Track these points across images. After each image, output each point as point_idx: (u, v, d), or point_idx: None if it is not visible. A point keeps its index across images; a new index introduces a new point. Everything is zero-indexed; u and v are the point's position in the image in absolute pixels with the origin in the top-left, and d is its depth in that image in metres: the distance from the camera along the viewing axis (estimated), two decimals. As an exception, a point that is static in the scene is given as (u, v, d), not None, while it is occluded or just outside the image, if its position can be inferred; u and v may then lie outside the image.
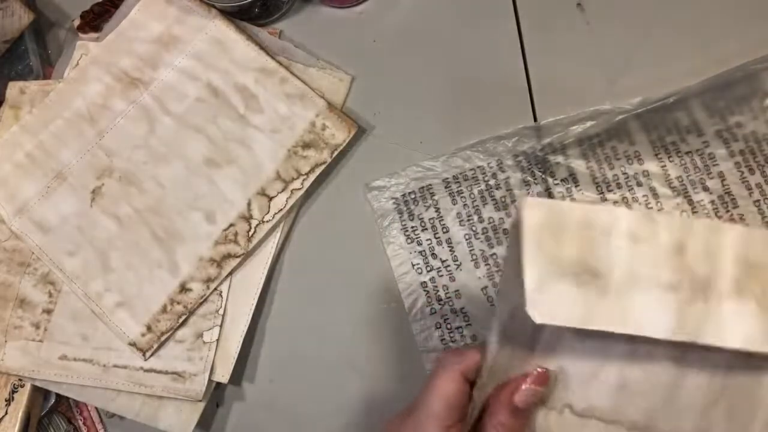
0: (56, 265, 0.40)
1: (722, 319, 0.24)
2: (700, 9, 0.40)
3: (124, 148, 0.41)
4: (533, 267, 0.24)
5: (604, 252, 0.25)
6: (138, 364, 0.39)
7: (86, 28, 0.45)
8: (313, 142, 0.40)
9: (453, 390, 0.27)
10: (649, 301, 0.24)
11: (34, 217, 0.41)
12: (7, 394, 0.40)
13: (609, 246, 0.25)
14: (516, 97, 0.40)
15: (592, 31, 0.41)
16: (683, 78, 0.38)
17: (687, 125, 0.38)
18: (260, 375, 0.40)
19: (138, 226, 0.40)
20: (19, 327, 0.40)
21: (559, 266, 0.24)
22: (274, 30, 0.44)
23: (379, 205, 0.40)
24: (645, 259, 0.25)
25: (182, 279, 0.39)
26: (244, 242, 0.39)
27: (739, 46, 0.38)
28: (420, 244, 0.39)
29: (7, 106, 0.44)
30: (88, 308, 0.40)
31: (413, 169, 0.40)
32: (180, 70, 0.42)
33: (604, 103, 0.39)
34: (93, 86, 0.42)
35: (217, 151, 0.41)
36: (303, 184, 0.40)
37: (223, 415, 0.40)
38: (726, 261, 0.25)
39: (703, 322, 0.24)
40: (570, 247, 0.24)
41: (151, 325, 0.39)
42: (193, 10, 0.42)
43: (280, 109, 0.41)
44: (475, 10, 0.42)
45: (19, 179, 0.41)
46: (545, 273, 0.24)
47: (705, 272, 0.25)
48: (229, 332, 0.39)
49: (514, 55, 0.41)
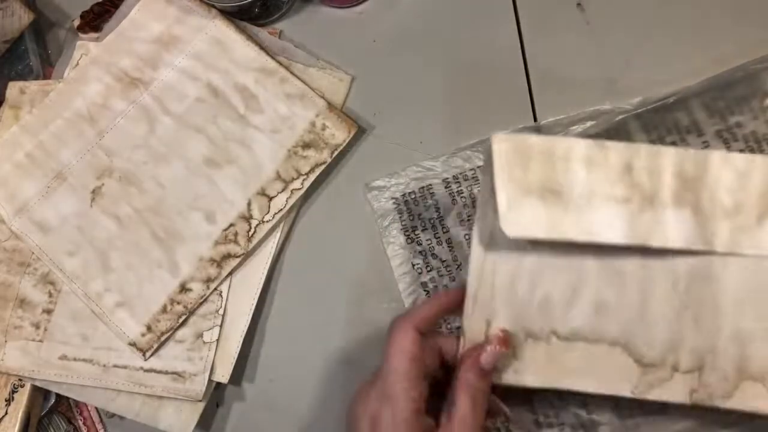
0: (56, 265, 0.40)
1: (666, 225, 0.29)
2: (700, 9, 0.40)
3: (124, 148, 0.41)
4: (503, 190, 0.28)
5: (564, 174, 0.29)
6: (138, 364, 0.39)
7: (86, 28, 0.45)
8: (313, 142, 0.40)
9: (408, 344, 0.28)
10: (605, 213, 0.29)
11: (34, 217, 0.41)
12: (7, 394, 0.40)
13: (568, 169, 0.29)
14: (516, 98, 0.40)
15: (592, 31, 0.41)
16: (683, 78, 0.38)
17: (687, 125, 0.38)
18: (260, 375, 0.40)
19: (138, 226, 0.40)
20: (19, 327, 0.40)
21: (526, 188, 0.29)
22: (274, 30, 0.44)
23: (379, 205, 0.40)
24: (599, 178, 0.29)
25: (182, 279, 0.39)
26: (244, 242, 0.39)
27: (739, 46, 0.38)
28: (420, 244, 0.39)
29: (7, 106, 0.44)
30: (88, 308, 0.40)
31: (413, 169, 0.40)
32: (180, 70, 0.42)
33: (604, 103, 0.39)
34: (93, 86, 0.42)
35: (217, 151, 0.41)
36: (303, 184, 0.40)
37: (223, 415, 0.40)
38: (666, 176, 0.29)
39: (651, 228, 0.29)
40: (534, 172, 0.29)
41: (151, 325, 0.39)
42: (193, 10, 0.42)
43: (280, 109, 0.41)
44: (475, 10, 0.42)
45: (19, 179, 0.41)
46: (514, 194, 0.28)
47: (650, 186, 0.29)
48: (229, 332, 0.39)
49: (514, 55, 0.41)
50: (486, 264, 0.31)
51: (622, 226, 0.29)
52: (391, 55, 0.43)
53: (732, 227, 0.29)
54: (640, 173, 0.29)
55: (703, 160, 0.29)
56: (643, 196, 0.29)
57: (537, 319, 0.31)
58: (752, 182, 0.29)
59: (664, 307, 0.30)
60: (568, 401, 0.36)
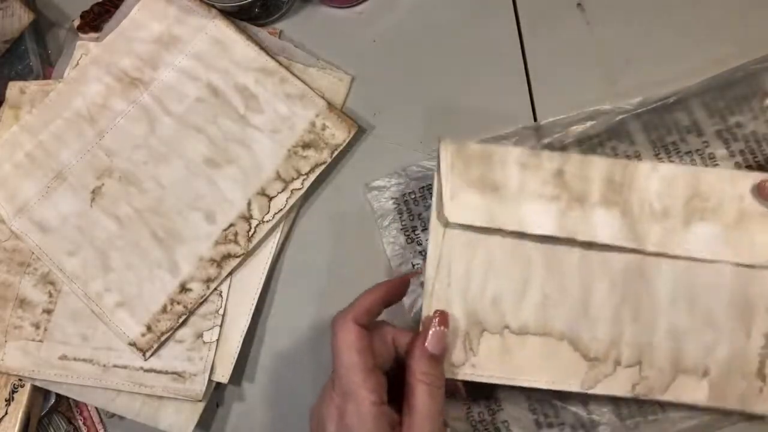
0: (56, 265, 0.40)
1: (594, 222, 0.32)
2: (700, 9, 0.40)
3: (124, 148, 0.41)
4: (447, 183, 0.33)
5: (501, 174, 0.33)
6: (138, 364, 0.39)
7: (86, 28, 0.45)
8: (313, 142, 0.40)
9: (352, 337, 0.28)
10: (536, 207, 0.33)
11: (34, 217, 0.41)
12: (7, 394, 0.40)
13: (504, 170, 0.33)
14: (516, 97, 0.40)
15: (592, 31, 0.41)
16: (683, 78, 0.38)
17: (687, 125, 0.38)
18: (260, 375, 0.40)
19: (138, 226, 0.40)
20: (19, 327, 0.40)
21: (467, 182, 0.33)
22: (274, 30, 0.44)
23: (379, 205, 0.40)
24: (532, 178, 0.33)
25: (182, 279, 0.39)
26: (244, 242, 0.39)
27: (739, 46, 0.38)
28: (420, 244, 0.39)
29: (7, 106, 0.44)
30: (88, 308, 0.40)
31: (413, 169, 0.40)
32: (180, 70, 0.42)
33: (604, 103, 0.39)
34: (93, 86, 0.42)
35: (217, 151, 0.41)
36: (303, 184, 0.40)
37: (223, 415, 0.40)
38: (595, 181, 0.33)
39: (579, 224, 0.32)
40: (475, 170, 0.33)
41: (151, 325, 0.39)
42: (193, 10, 0.42)
43: (280, 109, 0.41)
44: (475, 10, 0.42)
45: (19, 179, 0.41)
46: (457, 187, 0.33)
47: (579, 189, 0.33)
48: (229, 332, 0.39)
49: (514, 55, 0.41)
50: (442, 257, 0.33)
51: (551, 220, 0.32)
52: (391, 55, 0.43)
53: (662, 229, 0.32)
54: (570, 177, 0.33)
55: (633, 169, 0.33)
56: (572, 195, 0.33)
57: (490, 313, 0.33)
58: (677, 190, 0.32)
59: (604, 303, 0.33)
60: (568, 401, 0.36)
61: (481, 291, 0.33)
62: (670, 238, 0.32)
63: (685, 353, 0.32)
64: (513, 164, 0.33)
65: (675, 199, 0.32)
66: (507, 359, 0.33)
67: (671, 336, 0.32)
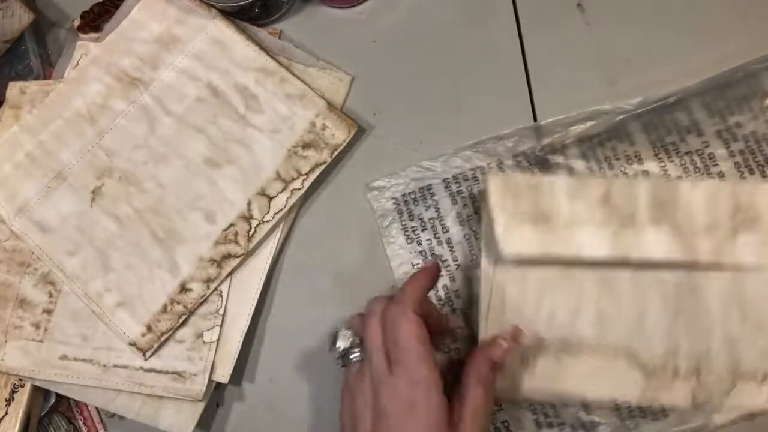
0: (56, 265, 0.40)
1: (646, 241, 0.33)
2: (700, 9, 0.40)
3: (124, 148, 0.41)
4: (500, 218, 0.34)
5: (550, 204, 0.34)
6: (138, 364, 0.39)
7: (86, 28, 0.45)
8: (313, 142, 0.40)
9: (417, 328, 0.29)
10: (589, 232, 0.33)
11: (34, 217, 0.41)
12: (7, 394, 0.40)
13: (552, 200, 0.34)
14: (516, 97, 0.40)
15: (592, 31, 0.41)
16: (683, 78, 0.38)
17: (687, 125, 0.38)
18: (260, 375, 0.40)
19: (138, 226, 0.40)
20: (19, 327, 0.40)
21: (518, 216, 0.34)
22: (274, 30, 0.44)
23: (379, 205, 0.40)
24: (581, 207, 0.34)
25: (182, 279, 0.39)
26: (244, 242, 0.39)
27: (739, 46, 0.38)
28: (420, 244, 0.39)
29: (7, 106, 0.44)
30: (88, 308, 0.40)
31: (413, 169, 0.40)
32: (180, 70, 0.42)
33: (604, 103, 0.39)
34: (93, 86, 0.42)
35: (217, 151, 0.41)
36: (303, 184, 0.40)
37: (223, 415, 0.40)
38: (641, 201, 0.34)
39: (632, 244, 0.33)
40: (524, 203, 0.34)
41: (151, 325, 0.39)
42: (194, 10, 0.42)
43: (280, 109, 0.41)
44: (475, 10, 0.42)
45: (19, 179, 0.41)
46: (509, 221, 0.34)
47: (627, 210, 0.34)
48: (229, 332, 0.39)
49: (514, 55, 0.41)
50: (495, 282, 0.34)
51: (605, 243, 0.33)
52: (391, 55, 0.43)
53: (712, 241, 0.33)
54: (617, 200, 0.34)
55: (674, 187, 0.34)
56: (622, 217, 0.33)
57: (545, 331, 0.34)
58: (721, 204, 0.33)
59: (658, 318, 0.34)
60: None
61: (536, 310, 0.34)
62: (721, 248, 0.33)
63: (742, 360, 0.33)
64: (561, 194, 0.34)
65: (720, 211, 0.33)
66: (562, 376, 0.34)
67: (727, 345, 0.33)
